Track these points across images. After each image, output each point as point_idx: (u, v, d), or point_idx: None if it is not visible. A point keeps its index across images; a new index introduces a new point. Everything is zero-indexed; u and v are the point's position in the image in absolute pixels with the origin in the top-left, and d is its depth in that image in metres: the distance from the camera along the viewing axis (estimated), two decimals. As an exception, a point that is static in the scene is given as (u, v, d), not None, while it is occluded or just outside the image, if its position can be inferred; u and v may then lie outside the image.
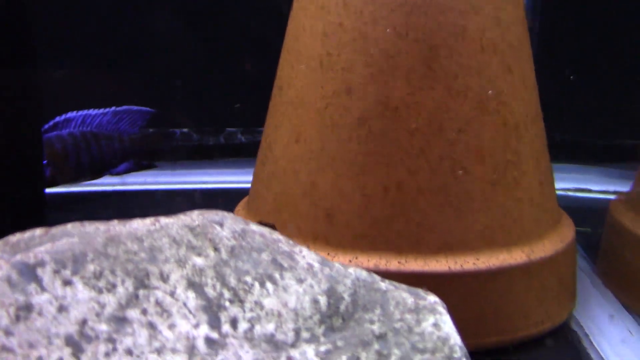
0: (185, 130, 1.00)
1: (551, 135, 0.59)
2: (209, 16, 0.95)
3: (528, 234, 0.55)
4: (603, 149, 0.92)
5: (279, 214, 0.57)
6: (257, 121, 1.03)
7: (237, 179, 0.92)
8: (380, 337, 0.28)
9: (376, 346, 0.28)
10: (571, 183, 0.90)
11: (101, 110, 0.86)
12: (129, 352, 0.27)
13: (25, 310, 0.26)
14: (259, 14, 0.94)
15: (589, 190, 0.88)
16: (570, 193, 0.88)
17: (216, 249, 0.30)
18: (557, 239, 0.57)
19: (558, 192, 0.91)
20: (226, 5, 0.95)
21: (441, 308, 0.30)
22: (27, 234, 0.29)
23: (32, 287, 0.27)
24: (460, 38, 0.52)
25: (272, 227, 0.45)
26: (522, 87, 0.55)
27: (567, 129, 0.93)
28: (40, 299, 0.27)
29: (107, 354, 0.26)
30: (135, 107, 0.89)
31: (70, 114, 0.85)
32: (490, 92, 0.52)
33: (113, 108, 0.87)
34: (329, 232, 0.55)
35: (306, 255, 0.31)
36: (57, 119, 0.84)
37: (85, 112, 0.86)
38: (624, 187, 0.66)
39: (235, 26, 0.95)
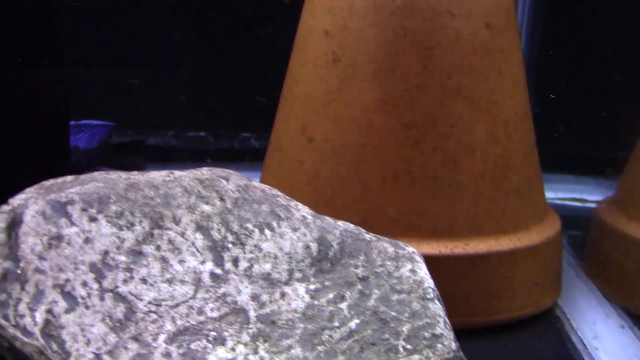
0: (202, 134, 1.05)
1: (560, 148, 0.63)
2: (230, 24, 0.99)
3: (515, 223, 0.58)
4: (599, 162, 0.96)
5: (283, 201, 0.61)
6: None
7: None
8: (363, 279, 0.32)
9: (359, 287, 0.32)
10: (568, 193, 0.93)
11: None
12: (144, 280, 0.31)
13: (56, 240, 0.30)
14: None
15: (585, 200, 0.91)
16: (567, 202, 0.91)
17: (222, 199, 0.34)
18: (543, 231, 0.60)
19: (556, 202, 0.94)
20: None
21: (418, 257, 0.33)
22: (60, 180, 0.34)
23: (63, 221, 0.31)
24: (454, 40, 0.57)
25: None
26: (512, 88, 0.60)
27: (569, 144, 0.97)
28: (69, 231, 0.31)
29: (124, 281, 0.30)
30: (95, 122, 0.92)
31: None
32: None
33: (72, 122, 0.90)
34: (330, 216, 0.59)
35: (301, 209, 0.35)
36: None
37: None
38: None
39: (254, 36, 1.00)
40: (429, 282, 0.32)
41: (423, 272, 0.33)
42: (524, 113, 0.62)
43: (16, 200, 0.33)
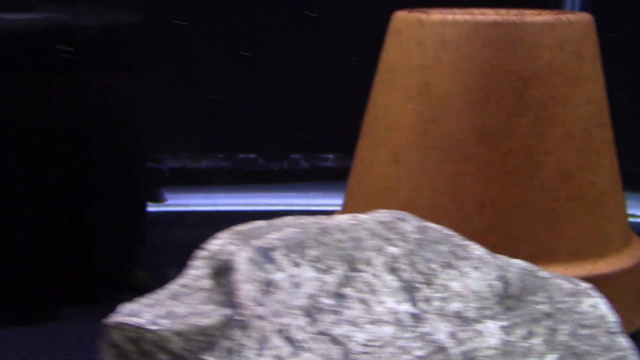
0: (252, 155, 1.07)
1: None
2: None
3: (608, 248, 0.60)
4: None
5: (377, 228, 0.63)
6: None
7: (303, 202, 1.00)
8: (548, 315, 0.34)
9: (546, 323, 0.34)
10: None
11: None
12: (351, 322, 0.32)
13: (268, 286, 0.32)
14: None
15: (635, 215, 0.94)
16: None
17: (405, 241, 0.35)
18: (633, 253, 0.62)
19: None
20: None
21: (595, 292, 0.35)
22: (252, 225, 0.35)
23: (271, 266, 0.32)
24: (547, 71, 0.59)
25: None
26: (600, 115, 0.62)
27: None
28: (278, 276, 0.32)
29: (334, 323, 0.32)
30: None
31: None
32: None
33: None
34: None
35: (476, 248, 0.36)
36: None
37: None
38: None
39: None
40: (613, 317, 0.34)
41: (604, 307, 0.34)
42: (610, 139, 0.64)
43: (212, 246, 0.34)
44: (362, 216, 0.36)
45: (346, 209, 0.69)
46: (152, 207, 0.98)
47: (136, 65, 0.73)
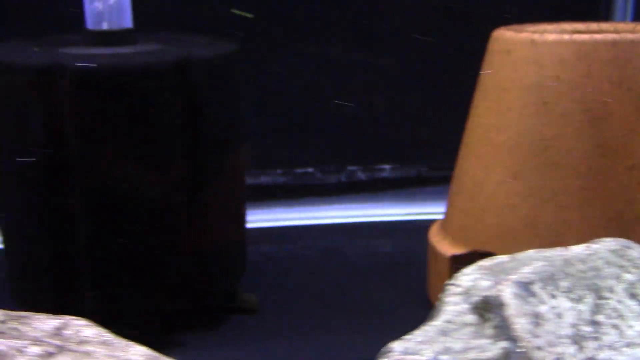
0: (310, 170, 1.07)
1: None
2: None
3: None
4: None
5: (497, 243, 0.64)
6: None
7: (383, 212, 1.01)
8: None
9: None
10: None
11: None
12: (610, 347, 0.33)
13: (537, 318, 0.33)
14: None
15: None
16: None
17: (636, 267, 0.37)
18: None
19: None
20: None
21: None
22: (494, 260, 0.36)
23: (534, 299, 0.34)
24: (665, 87, 0.61)
25: (490, 254, 0.52)
26: None
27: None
28: (541, 308, 0.33)
29: (597, 349, 0.33)
30: None
31: None
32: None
33: None
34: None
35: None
36: None
37: None
38: None
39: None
40: None
41: None
42: None
43: (463, 282, 0.35)
44: (594, 246, 0.38)
45: (456, 225, 0.71)
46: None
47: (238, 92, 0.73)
